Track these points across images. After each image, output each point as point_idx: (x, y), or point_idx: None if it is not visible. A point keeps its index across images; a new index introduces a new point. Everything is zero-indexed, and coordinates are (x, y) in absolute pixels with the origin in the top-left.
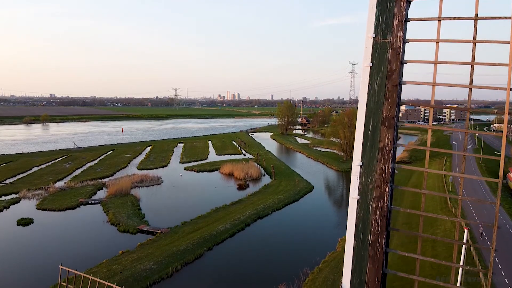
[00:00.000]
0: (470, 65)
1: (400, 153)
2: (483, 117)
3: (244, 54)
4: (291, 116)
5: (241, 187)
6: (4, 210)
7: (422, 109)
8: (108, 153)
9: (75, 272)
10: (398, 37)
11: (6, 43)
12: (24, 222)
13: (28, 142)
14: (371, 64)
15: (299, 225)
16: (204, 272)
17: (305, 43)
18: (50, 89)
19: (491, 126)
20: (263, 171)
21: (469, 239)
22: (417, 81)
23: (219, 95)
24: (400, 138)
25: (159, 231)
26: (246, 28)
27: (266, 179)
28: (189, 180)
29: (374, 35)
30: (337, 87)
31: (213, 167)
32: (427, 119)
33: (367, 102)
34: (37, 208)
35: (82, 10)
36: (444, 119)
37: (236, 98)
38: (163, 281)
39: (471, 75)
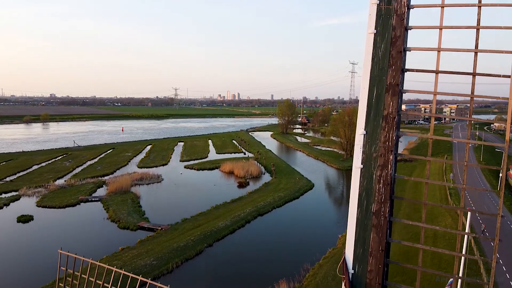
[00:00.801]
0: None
1: (400, 150)
2: (483, 117)
3: (244, 54)
4: (291, 115)
5: (241, 185)
6: (4, 207)
7: (422, 109)
8: (108, 151)
9: (75, 256)
10: (403, 3)
11: (6, 43)
12: (24, 219)
13: (28, 141)
14: (375, 31)
15: (300, 222)
16: (204, 267)
17: (305, 43)
18: (50, 89)
19: (491, 125)
20: (263, 169)
21: (472, 228)
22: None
23: (219, 95)
24: (400, 137)
25: (159, 228)
26: (246, 28)
27: (267, 177)
28: (189, 178)
29: (378, 2)
30: (337, 87)
31: (213, 166)
32: (427, 119)
33: (371, 70)
34: (37, 205)
35: (83, 10)
36: (444, 119)
37: (236, 98)
38: (163, 277)
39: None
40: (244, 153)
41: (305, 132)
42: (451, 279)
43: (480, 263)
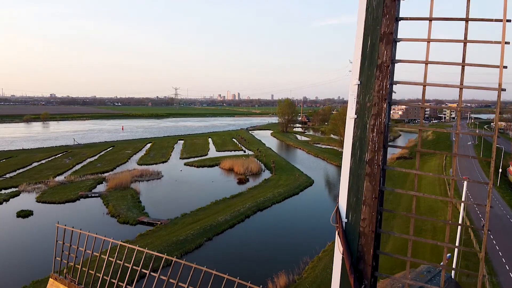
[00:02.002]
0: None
1: (400, 150)
2: (483, 116)
3: (244, 54)
4: (291, 114)
5: (241, 182)
6: (4, 203)
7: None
8: (108, 149)
9: (72, 229)
10: None
11: (7, 43)
12: (24, 214)
13: (28, 139)
14: None
15: (299, 217)
16: (204, 261)
17: (306, 43)
18: (51, 89)
19: (491, 124)
20: (263, 167)
21: (465, 219)
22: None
23: (219, 95)
24: (400, 136)
25: (159, 223)
26: (246, 28)
27: (266, 174)
28: (189, 175)
29: None
30: (337, 86)
31: (213, 163)
32: (427, 118)
33: (365, 20)
34: (37, 201)
35: (83, 10)
36: (445, 117)
37: (237, 98)
38: (163, 270)
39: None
40: (244, 151)
41: (305, 131)
42: (448, 254)
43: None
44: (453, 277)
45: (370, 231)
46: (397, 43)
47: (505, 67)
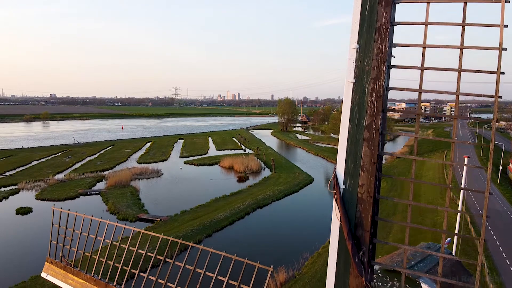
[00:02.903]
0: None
1: (400, 147)
2: (484, 115)
3: (244, 54)
4: (292, 113)
5: (241, 179)
6: (3, 200)
7: (423, 107)
8: (108, 148)
9: (68, 211)
10: None
11: (7, 43)
12: (23, 211)
13: (28, 138)
14: None
15: (299, 214)
16: (204, 256)
17: (306, 43)
18: (51, 89)
19: (492, 123)
20: (263, 165)
21: (472, 217)
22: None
23: (220, 95)
24: (399, 135)
25: (159, 219)
26: (247, 28)
27: (266, 172)
28: (189, 173)
29: None
30: (337, 86)
31: (213, 161)
32: (427, 117)
33: None
34: (36, 198)
35: (83, 11)
36: (445, 117)
37: (237, 98)
38: (163, 265)
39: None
40: (244, 150)
41: (305, 130)
42: (448, 238)
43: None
44: (453, 254)
45: (368, 196)
46: (396, 5)
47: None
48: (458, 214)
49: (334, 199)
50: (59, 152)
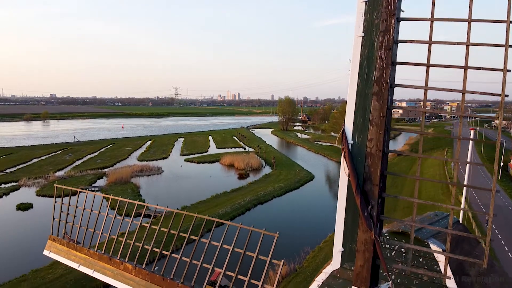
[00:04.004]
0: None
1: (401, 146)
2: (484, 115)
3: (244, 54)
4: (292, 112)
5: (242, 177)
6: (4, 196)
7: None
8: (108, 146)
9: (71, 188)
10: None
11: (7, 43)
12: (24, 206)
13: (28, 137)
14: None
15: (300, 210)
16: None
17: (306, 43)
18: (51, 89)
19: (492, 122)
20: (263, 163)
21: (475, 217)
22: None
23: (220, 95)
24: (400, 133)
25: (159, 215)
26: (247, 28)
27: (267, 170)
28: (190, 171)
29: None
30: (338, 87)
31: (214, 159)
32: (428, 116)
33: None
34: (37, 195)
35: (83, 11)
36: (445, 116)
37: (237, 98)
38: (163, 259)
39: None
40: (245, 148)
41: (306, 129)
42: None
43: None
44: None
45: (377, 150)
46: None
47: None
48: (461, 212)
49: (342, 155)
50: (59, 150)
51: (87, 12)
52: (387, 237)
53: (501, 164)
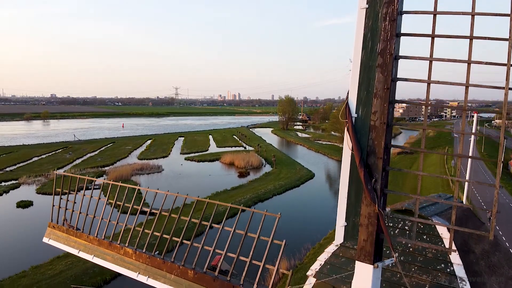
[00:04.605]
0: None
1: (401, 145)
2: (484, 115)
3: (244, 54)
4: (292, 111)
5: (242, 175)
6: (4, 194)
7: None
8: (108, 145)
9: (70, 174)
10: None
11: (7, 43)
12: (24, 204)
13: (28, 136)
14: None
15: (300, 207)
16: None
17: (306, 43)
18: (51, 89)
19: (492, 121)
20: (263, 161)
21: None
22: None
23: (220, 95)
24: (401, 132)
25: (158, 212)
26: (247, 28)
27: (267, 168)
28: (190, 169)
29: None
30: (338, 87)
31: (214, 157)
32: (428, 115)
33: None
34: (37, 193)
35: (84, 11)
36: (445, 116)
37: (237, 98)
38: (166, 255)
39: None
40: (245, 147)
41: (306, 129)
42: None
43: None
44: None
45: (381, 123)
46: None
47: None
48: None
49: (345, 129)
50: (60, 149)
51: (88, 12)
52: (391, 216)
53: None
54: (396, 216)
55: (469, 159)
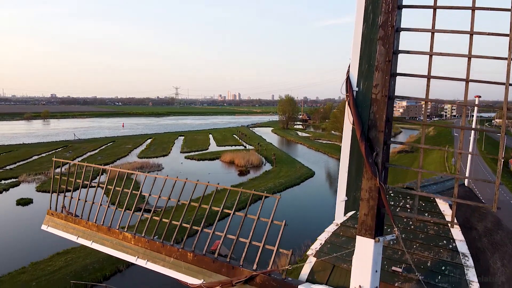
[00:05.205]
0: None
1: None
2: (484, 114)
3: (245, 54)
4: (292, 111)
5: (242, 173)
6: (4, 192)
7: (423, 105)
8: (108, 144)
9: (70, 161)
10: None
11: (7, 43)
12: (24, 201)
13: (28, 135)
14: None
15: (300, 204)
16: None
17: (306, 43)
18: (51, 89)
19: (492, 121)
20: (264, 160)
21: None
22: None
23: (220, 95)
24: (401, 132)
25: (159, 209)
26: (247, 28)
27: (267, 167)
28: (190, 167)
29: None
30: (338, 87)
31: (214, 156)
32: (429, 115)
33: None
34: (37, 190)
35: (84, 11)
36: (446, 115)
37: (237, 98)
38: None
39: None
40: (245, 146)
41: (306, 128)
42: None
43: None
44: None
45: (383, 96)
46: None
47: None
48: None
49: (346, 102)
50: (60, 148)
51: (88, 12)
52: (392, 195)
53: (502, 160)
54: (399, 189)
55: (469, 156)
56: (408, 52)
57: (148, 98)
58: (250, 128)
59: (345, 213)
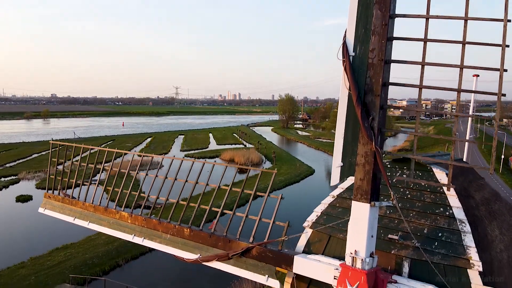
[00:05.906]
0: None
1: (401, 143)
2: (484, 114)
3: (245, 54)
4: (292, 110)
5: (242, 171)
6: (4, 189)
7: (423, 105)
8: (108, 142)
9: (67, 144)
10: None
11: (7, 43)
12: (23, 198)
13: (28, 134)
14: None
15: (300, 201)
16: None
17: (306, 43)
18: (51, 89)
19: (492, 120)
20: (264, 158)
21: None
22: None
23: (220, 95)
24: (400, 132)
25: (159, 206)
26: (247, 28)
27: (267, 165)
28: (190, 165)
29: None
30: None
31: (214, 154)
32: (428, 115)
33: None
34: (37, 187)
35: (84, 11)
36: (446, 115)
37: (237, 98)
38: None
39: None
40: (245, 145)
41: (306, 128)
42: None
43: None
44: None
45: (379, 60)
46: None
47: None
48: None
49: (343, 68)
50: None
51: (88, 12)
52: (388, 166)
53: (502, 156)
54: (395, 155)
55: (466, 143)
56: (404, 15)
57: (148, 98)
58: (250, 127)
59: (340, 179)
